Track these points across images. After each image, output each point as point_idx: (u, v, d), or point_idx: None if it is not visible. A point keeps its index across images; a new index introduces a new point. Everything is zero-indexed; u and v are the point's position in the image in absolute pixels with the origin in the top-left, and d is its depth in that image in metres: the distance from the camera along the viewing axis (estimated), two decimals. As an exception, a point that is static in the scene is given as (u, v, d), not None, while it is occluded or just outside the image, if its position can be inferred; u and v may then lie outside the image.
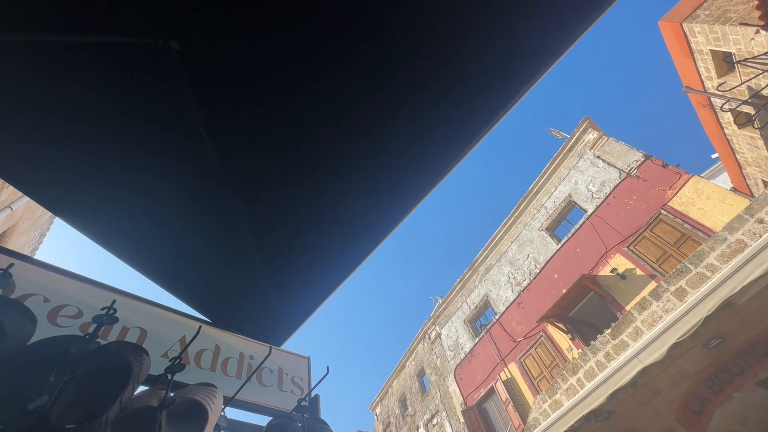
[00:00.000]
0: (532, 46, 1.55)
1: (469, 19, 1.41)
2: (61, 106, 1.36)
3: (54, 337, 1.07)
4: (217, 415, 1.30)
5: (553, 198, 11.35)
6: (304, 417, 1.70)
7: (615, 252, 8.91)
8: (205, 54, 1.35)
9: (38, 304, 1.43)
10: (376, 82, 1.51)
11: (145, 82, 1.38)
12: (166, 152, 1.57)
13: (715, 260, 5.53)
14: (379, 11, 1.34)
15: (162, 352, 1.66)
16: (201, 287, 2.10)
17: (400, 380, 16.79)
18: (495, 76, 1.60)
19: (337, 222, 2.01)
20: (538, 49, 1.55)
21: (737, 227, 5.52)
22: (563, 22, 1.46)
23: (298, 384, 2.05)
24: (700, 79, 8.09)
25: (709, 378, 5.64)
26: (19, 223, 6.92)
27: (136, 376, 1.06)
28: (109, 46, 1.29)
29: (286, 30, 1.32)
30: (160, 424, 1.12)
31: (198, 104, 1.45)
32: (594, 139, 10.70)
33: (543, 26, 1.49)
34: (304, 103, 1.53)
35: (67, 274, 1.62)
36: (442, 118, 1.69)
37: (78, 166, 1.52)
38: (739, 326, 5.48)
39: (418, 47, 1.44)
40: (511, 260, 12.00)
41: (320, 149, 1.70)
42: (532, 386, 9.62)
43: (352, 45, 1.40)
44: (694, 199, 8.03)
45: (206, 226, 1.87)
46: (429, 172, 1.87)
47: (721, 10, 7.02)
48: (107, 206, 1.65)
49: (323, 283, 2.26)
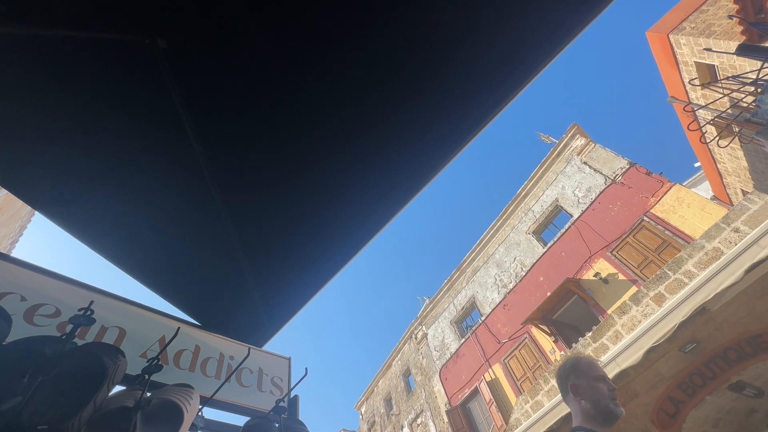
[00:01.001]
0: (523, 51, 1.58)
1: (462, 22, 1.44)
2: (45, 100, 1.36)
3: (29, 338, 1.08)
4: (193, 416, 1.32)
5: (540, 202, 11.52)
6: (281, 417, 1.72)
7: (599, 257, 9.09)
8: (191, 53, 1.37)
9: (15, 302, 1.42)
10: (368, 82, 1.53)
11: (131, 79, 1.39)
12: (150, 149, 1.58)
13: (693, 267, 5.69)
14: (371, 11, 1.36)
15: (141, 352, 1.66)
16: (183, 286, 2.10)
17: (386, 380, 16.85)
18: (485, 80, 1.62)
19: (322, 223, 2.03)
20: (528, 54, 1.59)
21: (714, 235, 5.69)
22: (555, 26, 1.50)
23: (278, 385, 2.07)
24: (684, 89, 8.30)
25: (684, 381, 5.81)
26: (-1, 215, 6.77)
27: (111, 377, 1.07)
28: (95, 41, 1.29)
29: (276, 30, 1.34)
30: (135, 425, 1.13)
31: (184, 102, 1.46)
32: (581, 145, 10.89)
33: (534, 31, 1.52)
34: (291, 104, 1.54)
35: (45, 273, 1.61)
36: (432, 120, 1.72)
37: (59, 161, 1.51)
38: (714, 331, 5.66)
39: (411, 50, 1.47)
40: (498, 262, 12.14)
41: (308, 150, 1.71)
42: (516, 387, 9.77)
43: (344, 46, 1.42)
44: (675, 206, 8.24)
45: (190, 225, 1.87)
46: (417, 172, 1.89)
47: (705, 24, 7.21)
48: (90, 202, 1.65)
49: (307, 284, 2.28)
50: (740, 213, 5.59)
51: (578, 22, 1.46)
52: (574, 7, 1.46)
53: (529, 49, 1.56)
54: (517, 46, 1.56)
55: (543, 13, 1.48)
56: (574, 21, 1.47)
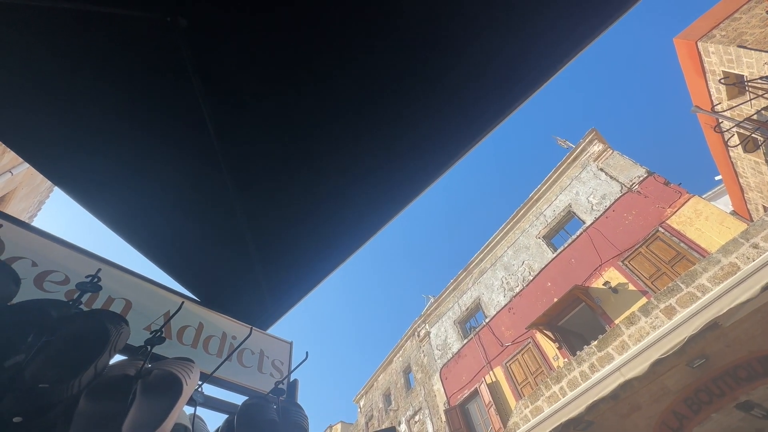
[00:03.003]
0: (538, 54, 1.55)
1: (477, 21, 1.41)
2: (66, 77, 1.37)
3: (36, 299, 1.10)
4: (192, 389, 1.33)
5: (553, 207, 11.35)
6: (279, 399, 1.73)
7: (609, 265, 8.93)
8: (212, 34, 1.36)
9: (26, 267, 1.44)
10: (385, 79, 1.51)
11: (152, 58, 1.39)
12: (166, 131, 1.58)
13: (707, 281, 5.55)
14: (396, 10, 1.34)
15: (145, 324, 1.68)
16: (192, 266, 2.12)
17: (386, 375, 16.91)
18: (500, 80, 1.60)
19: (331, 212, 2.03)
20: (542, 58, 1.55)
21: (732, 250, 5.53)
22: (572, 31, 1.46)
23: (278, 367, 2.08)
24: (710, 99, 8.06)
25: (689, 397, 5.69)
26: (19, 189, 6.94)
27: (114, 343, 1.08)
28: (117, 17, 1.29)
29: (300, 20, 1.33)
30: (134, 393, 1.14)
31: (202, 84, 1.46)
32: (599, 151, 10.68)
33: (550, 35, 1.49)
34: (310, 96, 1.53)
35: (57, 240, 1.64)
36: (446, 117, 1.70)
37: (81, 139, 1.53)
38: (724, 348, 5.52)
39: (426, 50, 1.45)
40: (505, 265, 12.03)
41: (322, 141, 1.70)
42: (516, 391, 9.70)
43: (367, 43, 1.40)
44: (692, 219, 8.03)
45: (201, 207, 1.89)
46: (428, 167, 1.88)
47: (737, 32, 6.98)
48: (108, 181, 1.67)
49: (313, 271, 2.28)
50: (761, 229, 5.42)
51: (590, 31, 1.42)
52: (584, 18, 1.42)
53: (540, 55, 1.53)
54: (526, 51, 1.53)
55: (551, 21, 1.44)
56: (586, 30, 1.43)
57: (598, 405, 5.79)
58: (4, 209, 6.72)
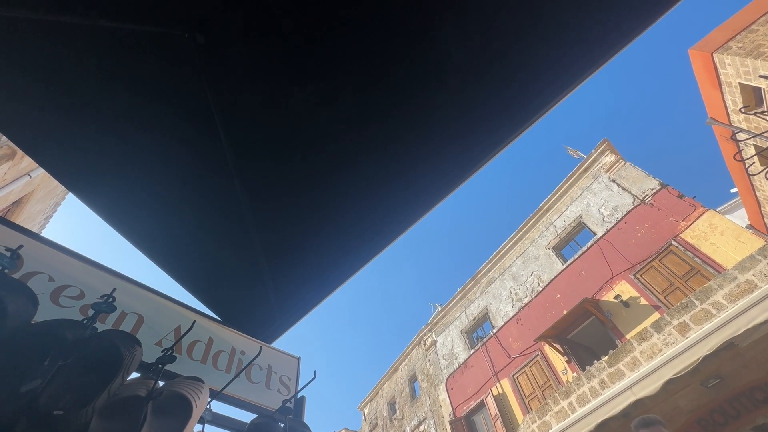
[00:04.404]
0: (554, 72, 1.53)
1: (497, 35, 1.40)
2: (83, 88, 1.40)
3: (51, 321, 1.11)
4: (202, 410, 1.33)
5: (563, 217, 11.23)
6: (287, 418, 1.72)
7: (620, 278, 8.78)
8: (229, 53, 1.38)
9: (43, 282, 1.47)
10: (403, 91, 1.51)
11: (168, 73, 1.41)
12: (181, 143, 1.61)
13: (722, 298, 5.41)
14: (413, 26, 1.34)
15: (157, 339, 1.70)
16: (202, 275, 2.14)
17: (391, 383, 16.78)
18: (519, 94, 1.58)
19: (342, 226, 2.03)
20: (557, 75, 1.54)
21: (748, 267, 5.40)
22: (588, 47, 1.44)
23: (286, 384, 2.08)
24: (725, 111, 7.92)
25: (703, 417, 5.53)
26: (36, 191, 7.10)
27: (127, 367, 1.09)
28: (133, 33, 1.32)
29: (315, 41, 1.34)
30: (145, 415, 1.15)
31: (216, 100, 1.48)
32: (611, 162, 10.56)
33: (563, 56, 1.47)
34: (324, 113, 1.54)
35: (74, 255, 1.67)
36: (463, 129, 1.69)
37: (96, 148, 1.56)
38: (740, 368, 5.37)
39: (447, 61, 1.44)
40: (514, 275, 11.90)
41: (332, 158, 1.71)
42: (523, 404, 9.54)
43: (381, 54, 1.40)
44: (707, 233, 7.87)
45: (212, 216, 1.90)
46: (441, 183, 1.86)
47: (754, 44, 6.87)
48: (123, 189, 1.70)
49: (322, 283, 2.28)
50: (779, 246, 5.28)
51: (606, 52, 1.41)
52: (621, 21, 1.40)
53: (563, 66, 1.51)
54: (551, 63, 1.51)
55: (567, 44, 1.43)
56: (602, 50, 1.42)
57: (607, 423, 5.67)
58: (22, 211, 6.87)
